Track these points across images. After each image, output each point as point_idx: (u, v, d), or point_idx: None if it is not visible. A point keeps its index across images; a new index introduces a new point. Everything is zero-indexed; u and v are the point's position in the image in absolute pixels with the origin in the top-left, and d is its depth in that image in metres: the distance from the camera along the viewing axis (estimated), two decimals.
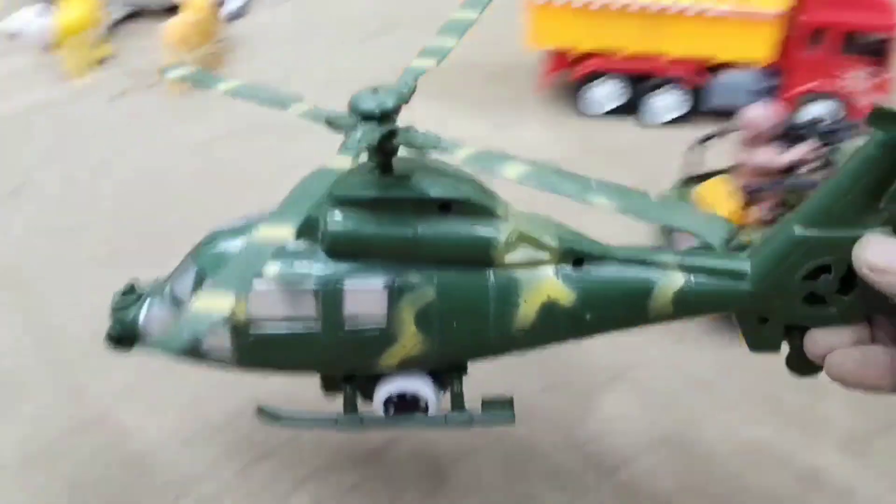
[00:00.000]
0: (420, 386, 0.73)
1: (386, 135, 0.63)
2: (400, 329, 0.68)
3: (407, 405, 0.73)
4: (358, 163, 0.61)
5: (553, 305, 0.68)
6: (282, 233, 0.54)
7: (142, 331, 0.73)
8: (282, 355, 0.70)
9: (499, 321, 0.69)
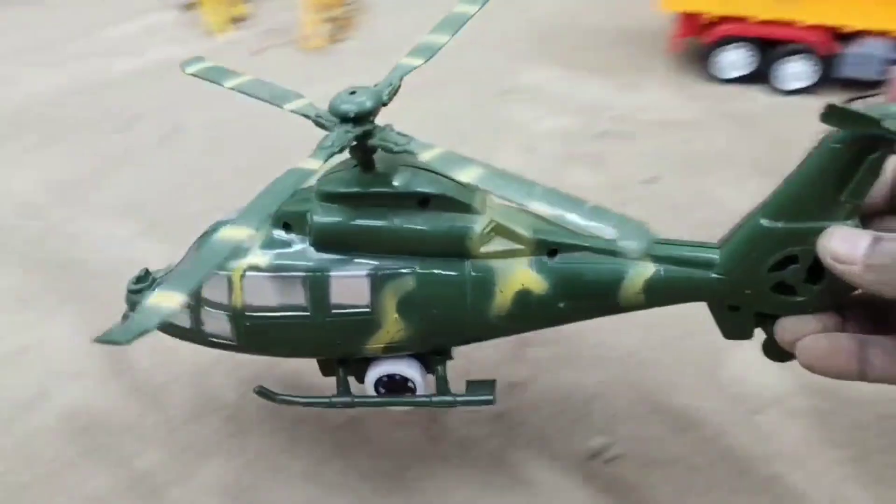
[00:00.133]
0: (407, 368, 0.76)
1: (362, 135, 0.65)
2: (383, 316, 0.71)
3: (396, 386, 0.76)
4: (324, 164, 0.64)
5: (528, 294, 0.69)
6: (240, 234, 0.57)
7: None
8: (277, 340, 0.75)
9: (476, 308, 0.70)
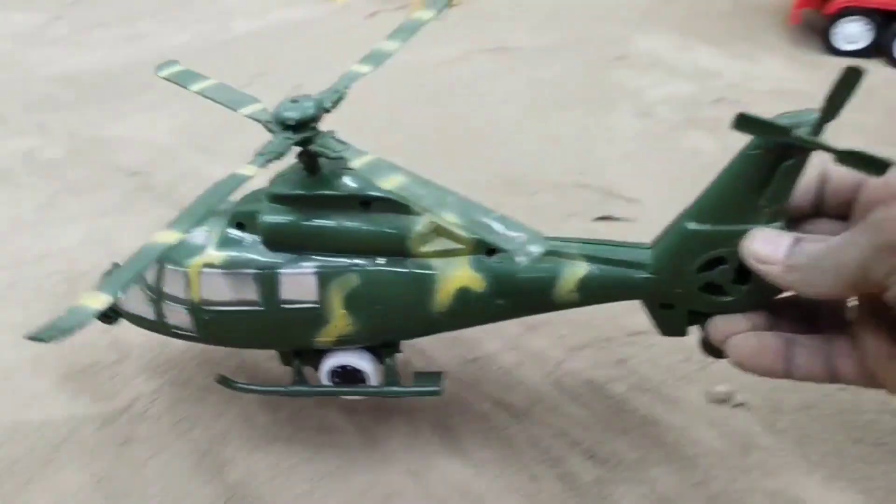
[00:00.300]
0: (358, 360, 0.80)
1: (302, 141, 0.70)
2: (330, 311, 0.75)
3: (349, 376, 0.81)
4: (262, 169, 0.68)
5: (467, 291, 0.73)
6: (170, 238, 0.62)
7: (121, 307, 0.84)
8: (234, 332, 0.79)
9: (418, 305, 0.75)
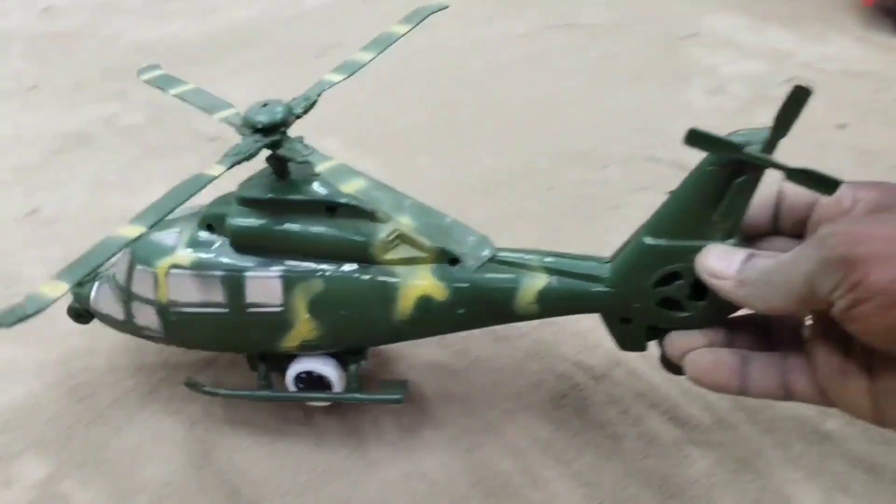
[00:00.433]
0: (322, 366, 0.81)
1: (270, 145, 0.71)
2: (295, 315, 0.76)
3: (313, 382, 0.82)
4: (227, 170, 0.69)
5: (428, 300, 0.74)
6: (133, 232, 0.62)
7: (93, 307, 0.85)
8: (200, 335, 0.80)
9: (380, 312, 0.75)
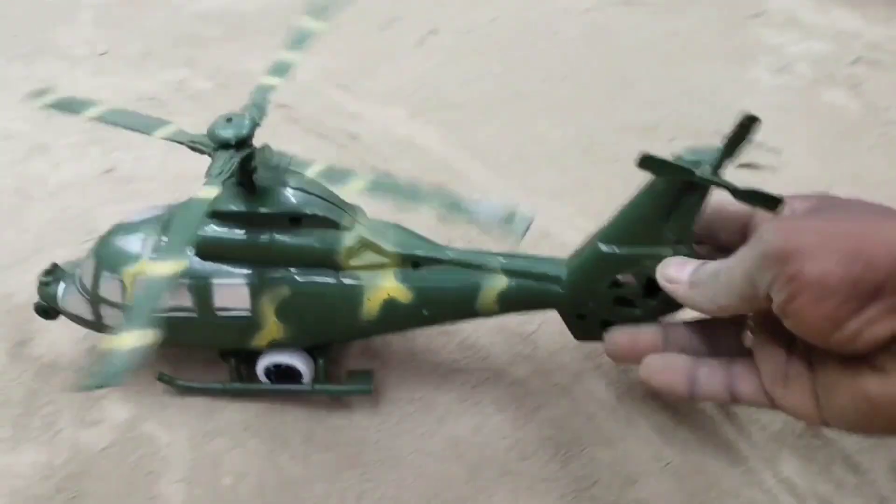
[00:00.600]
0: (293, 359, 0.84)
1: (243, 159, 0.71)
2: (263, 319, 0.79)
3: (284, 374, 0.85)
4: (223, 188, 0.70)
5: (393, 302, 0.77)
6: (169, 269, 0.63)
7: (61, 306, 0.86)
8: (173, 334, 0.81)
9: (347, 314, 0.78)
